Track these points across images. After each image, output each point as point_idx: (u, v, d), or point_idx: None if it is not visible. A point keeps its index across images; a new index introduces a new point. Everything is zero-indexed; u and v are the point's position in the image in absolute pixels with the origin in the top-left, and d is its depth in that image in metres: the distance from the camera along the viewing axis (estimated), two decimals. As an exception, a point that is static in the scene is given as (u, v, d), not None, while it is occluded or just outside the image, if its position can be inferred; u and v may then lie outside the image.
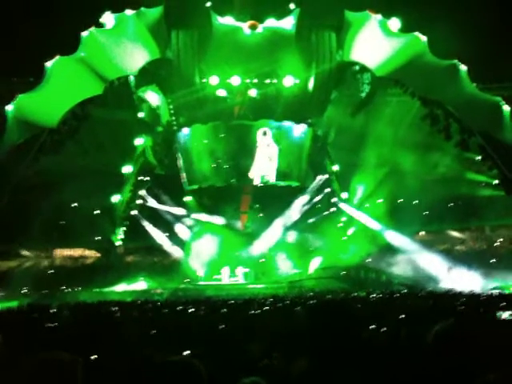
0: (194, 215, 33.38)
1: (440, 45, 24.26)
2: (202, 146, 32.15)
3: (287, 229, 32.74)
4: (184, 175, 32.97)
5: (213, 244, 32.24)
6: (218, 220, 32.82)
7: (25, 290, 25.58)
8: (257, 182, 32.18)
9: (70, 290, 25.56)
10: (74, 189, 26.04)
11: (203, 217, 33.01)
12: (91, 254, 33.19)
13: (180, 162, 32.94)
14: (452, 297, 12.58)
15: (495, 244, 31.47)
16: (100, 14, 25.38)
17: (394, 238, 29.08)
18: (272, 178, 32.22)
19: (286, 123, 31.99)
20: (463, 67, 23.81)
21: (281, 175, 32.31)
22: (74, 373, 2.06)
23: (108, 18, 25.51)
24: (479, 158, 23.96)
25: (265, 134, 32.20)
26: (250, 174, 32.09)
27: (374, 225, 30.21)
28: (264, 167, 32.20)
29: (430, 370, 2.16)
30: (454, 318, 2.20)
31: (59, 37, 25.23)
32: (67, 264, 32.71)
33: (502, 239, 31.70)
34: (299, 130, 32.35)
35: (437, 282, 24.01)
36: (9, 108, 23.18)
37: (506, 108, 23.34)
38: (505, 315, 5.37)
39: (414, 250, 28.10)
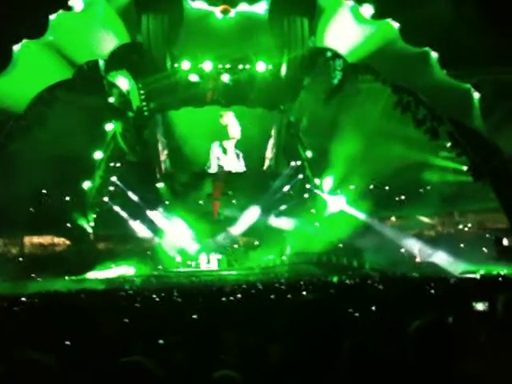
0: (166, 201, 33.15)
1: (412, 31, 24.41)
2: (183, 131, 31.95)
3: (260, 215, 32.76)
4: (162, 161, 32.73)
5: (186, 231, 32.12)
6: (191, 206, 32.64)
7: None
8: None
9: (40, 278, 25.14)
10: (43, 175, 25.59)
11: (176, 203, 32.79)
12: (61, 241, 32.70)
13: (158, 148, 32.64)
14: (423, 281, 12.77)
15: (464, 229, 32.14)
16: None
17: (365, 223, 29.39)
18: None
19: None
20: (434, 54, 24.03)
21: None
22: (49, 374, 2.00)
23: (77, 1, 24.91)
24: (449, 144, 24.29)
25: None
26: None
27: (346, 210, 30.48)
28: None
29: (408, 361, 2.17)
30: (433, 313, 2.19)
31: (27, 20, 24.53)
32: (37, 252, 32.18)
33: (470, 224, 32.38)
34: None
35: (408, 267, 24.38)
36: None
37: (475, 95, 23.68)
38: (480, 306, 5.45)
39: (385, 235, 28.48)
